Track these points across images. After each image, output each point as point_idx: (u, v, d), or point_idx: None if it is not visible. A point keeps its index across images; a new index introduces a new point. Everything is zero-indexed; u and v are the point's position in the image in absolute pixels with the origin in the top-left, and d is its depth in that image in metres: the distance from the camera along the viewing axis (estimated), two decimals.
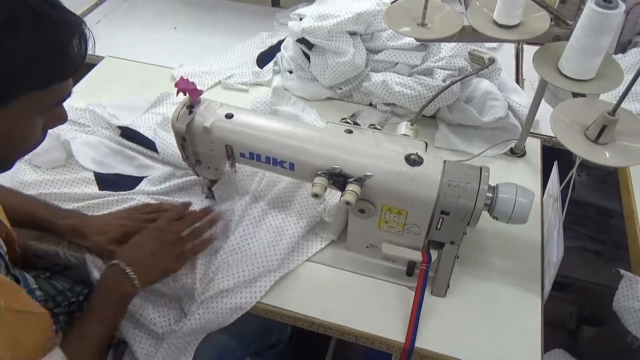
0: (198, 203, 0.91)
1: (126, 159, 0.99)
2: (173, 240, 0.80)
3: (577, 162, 0.81)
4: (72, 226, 0.82)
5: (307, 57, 1.11)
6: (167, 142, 0.97)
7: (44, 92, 0.55)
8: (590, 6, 0.67)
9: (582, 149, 0.63)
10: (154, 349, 0.79)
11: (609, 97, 1.03)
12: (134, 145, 1.01)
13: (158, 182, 0.94)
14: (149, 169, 0.98)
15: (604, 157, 0.63)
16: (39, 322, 0.64)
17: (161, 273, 0.78)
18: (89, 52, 0.57)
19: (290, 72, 1.17)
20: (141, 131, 1.02)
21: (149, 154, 1.00)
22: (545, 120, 1.09)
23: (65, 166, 0.97)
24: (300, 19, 1.09)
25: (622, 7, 0.66)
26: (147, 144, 1.00)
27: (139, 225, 0.83)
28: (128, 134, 1.02)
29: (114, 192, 0.92)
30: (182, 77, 0.74)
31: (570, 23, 0.77)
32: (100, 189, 0.93)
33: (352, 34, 1.06)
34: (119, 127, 1.03)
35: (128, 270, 0.73)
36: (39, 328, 0.64)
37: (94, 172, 0.95)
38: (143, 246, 0.79)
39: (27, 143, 0.59)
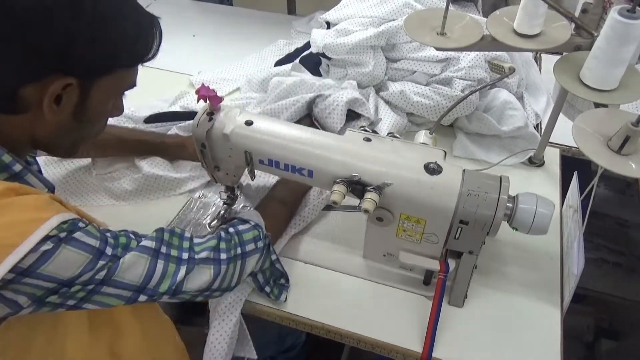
0: None
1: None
2: None
3: (599, 173, 0.80)
4: (177, 142, 0.98)
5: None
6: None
7: (126, 74, 0.61)
8: (613, 16, 0.66)
9: (605, 160, 0.63)
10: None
11: (630, 107, 1.02)
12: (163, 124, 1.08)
13: None
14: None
15: (630, 168, 0.62)
16: None
17: None
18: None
19: None
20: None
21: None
22: (564, 130, 1.07)
23: None
24: (327, 24, 1.10)
25: None
26: (178, 117, 1.09)
27: None
28: (153, 119, 1.08)
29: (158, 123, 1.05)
30: (203, 84, 0.75)
31: (595, 33, 0.76)
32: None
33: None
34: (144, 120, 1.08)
35: None
36: None
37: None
38: None
39: (96, 127, 0.65)
